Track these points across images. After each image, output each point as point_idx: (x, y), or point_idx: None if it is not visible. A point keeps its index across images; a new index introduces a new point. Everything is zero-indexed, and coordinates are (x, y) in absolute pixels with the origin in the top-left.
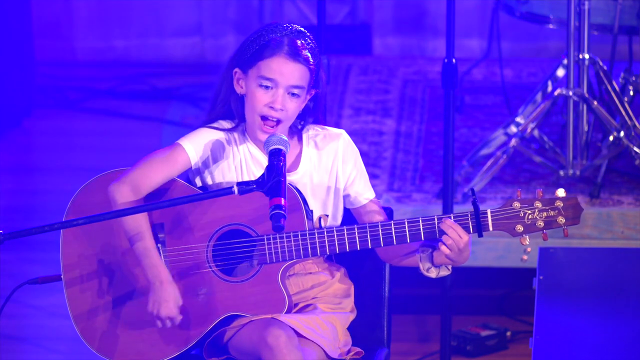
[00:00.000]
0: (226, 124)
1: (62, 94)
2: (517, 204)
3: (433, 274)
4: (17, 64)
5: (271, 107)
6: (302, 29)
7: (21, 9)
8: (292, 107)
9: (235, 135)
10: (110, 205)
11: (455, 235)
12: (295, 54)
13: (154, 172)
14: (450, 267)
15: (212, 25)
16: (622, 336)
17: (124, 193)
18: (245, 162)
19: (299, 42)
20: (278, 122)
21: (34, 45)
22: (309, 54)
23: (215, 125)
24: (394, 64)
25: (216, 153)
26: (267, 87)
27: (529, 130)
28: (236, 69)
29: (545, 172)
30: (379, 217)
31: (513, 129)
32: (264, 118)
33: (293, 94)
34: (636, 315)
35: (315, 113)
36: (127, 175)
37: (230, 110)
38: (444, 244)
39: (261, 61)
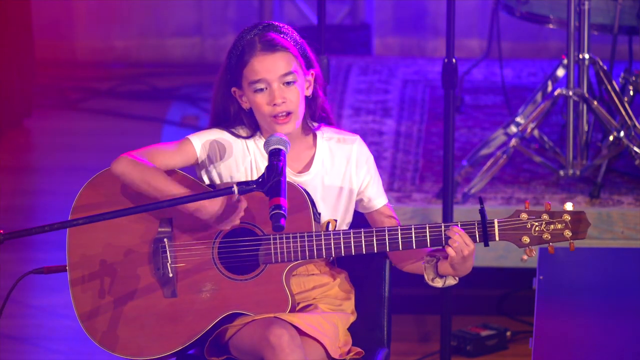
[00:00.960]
0: (242, 132)
1: (62, 94)
2: (524, 215)
3: (439, 283)
4: (17, 64)
5: (274, 105)
6: (270, 23)
7: (21, 9)
8: (294, 95)
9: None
10: (117, 196)
11: (461, 240)
12: (269, 46)
13: (157, 153)
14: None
15: (212, 25)
16: (622, 336)
17: (128, 162)
18: (255, 162)
19: (269, 34)
20: (288, 113)
21: (34, 45)
22: (284, 40)
23: (231, 129)
24: (394, 64)
25: (224, 152)
26: (261, 90)
27: (529, 130)
28: (234, 89)
29: (545, 172)
30: (390, 223)
31: (513, 129)
32: (274, 116)
33: (287, 83)
34: (636, 315)
35: (322, 94)
36: (129, 152)
37: (243, 123)
38: (450, 246)
39: (244, 69)
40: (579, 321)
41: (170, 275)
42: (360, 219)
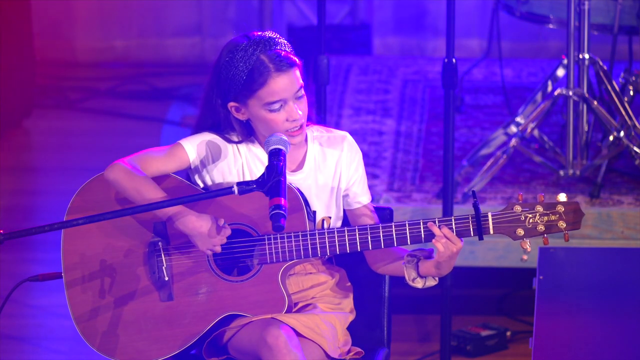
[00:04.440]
0: (234, 137)
1: (62, 94)
2: (518, 208)
3: (419, 284)
4: (17, 64)
5: (293, 121)
6: (266, 34)
7: (21, 9)
8: (305, 107)
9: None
10: (111, 200)
11: (451, 235)
12: (283, 66)
13: (151, 159)
14: (436, 277)
15: (212, 25)
16: (622, 336)
17: (121, 169)
18: (247, 164)
19: (276, 51)
20: (301, 126)
21: (34, 45)
22: (290, 54)
23: (223, 133)
24: (394, 64)
25: (216, 155)
26: (277, 109)
27: (529, 130)
28: (231, 104)
29: (545, 172)
30: (370, 221)
31: (513, 129)
32: (287, 130)
33: (300, 97)
34: (636, 315)
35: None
36: (123, 158)
37: (232, 129)
38: (439, 242)
39: (259, 90)
40: (579, 321)
41: (166, 278)
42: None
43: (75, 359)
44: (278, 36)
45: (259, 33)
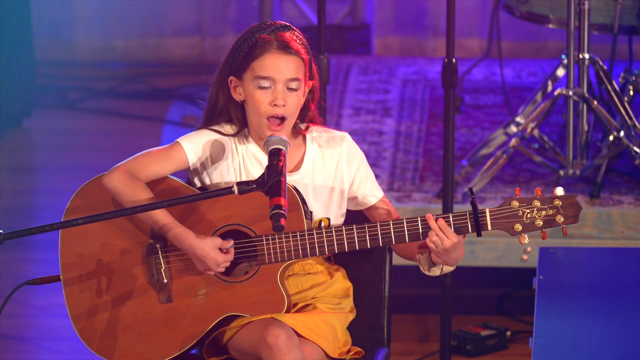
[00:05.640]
0: (229, 129)
1: (62, 94)
2: (515, 203)
3: (436, 272)
4: (17, 64)
5: (274, 105)
6: (287, 24)
7: (21, 9)
8: (294, 101)
9: (236, 139)
10: (109, 201)
11: (440, 233)
12: (285, 47)
13: (149, 163)
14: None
15: (212, 25)
16: (622, 336)
17: (120, 178)
18: (244, 163)
19: (286, 35)
20: (283, 119)
21: (33, 45)
22: (299, 45)
23: (217, 128)
24: (394, 64)
25: (215, 154)
26: (265, 87)
27: (529, 130)
28: (231, 77)
29: (545, 172)
30: (388, 216)
31: (513, 129)
32: (268, 118)
33: (291, 88)
34: (636, 315)
35: (315, 105)
36: (121, 163)
37: (230, 118)
38: (430, 240)
39: (254, 62)
40: (579, 321)
41: (165, 280)
42: (354, 217)
43: (75, 358)
44: (300, 33)
45: (288, 23)
